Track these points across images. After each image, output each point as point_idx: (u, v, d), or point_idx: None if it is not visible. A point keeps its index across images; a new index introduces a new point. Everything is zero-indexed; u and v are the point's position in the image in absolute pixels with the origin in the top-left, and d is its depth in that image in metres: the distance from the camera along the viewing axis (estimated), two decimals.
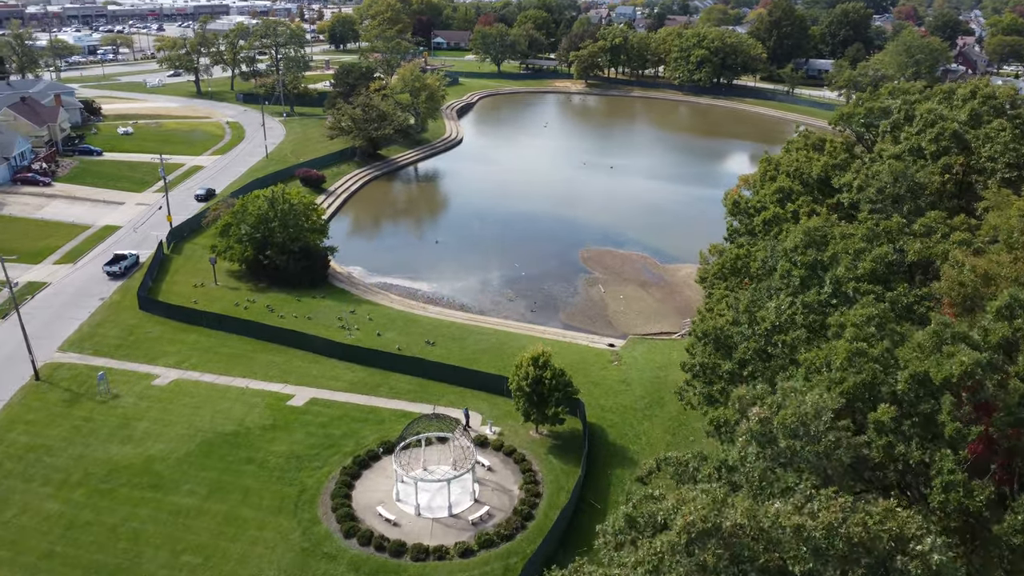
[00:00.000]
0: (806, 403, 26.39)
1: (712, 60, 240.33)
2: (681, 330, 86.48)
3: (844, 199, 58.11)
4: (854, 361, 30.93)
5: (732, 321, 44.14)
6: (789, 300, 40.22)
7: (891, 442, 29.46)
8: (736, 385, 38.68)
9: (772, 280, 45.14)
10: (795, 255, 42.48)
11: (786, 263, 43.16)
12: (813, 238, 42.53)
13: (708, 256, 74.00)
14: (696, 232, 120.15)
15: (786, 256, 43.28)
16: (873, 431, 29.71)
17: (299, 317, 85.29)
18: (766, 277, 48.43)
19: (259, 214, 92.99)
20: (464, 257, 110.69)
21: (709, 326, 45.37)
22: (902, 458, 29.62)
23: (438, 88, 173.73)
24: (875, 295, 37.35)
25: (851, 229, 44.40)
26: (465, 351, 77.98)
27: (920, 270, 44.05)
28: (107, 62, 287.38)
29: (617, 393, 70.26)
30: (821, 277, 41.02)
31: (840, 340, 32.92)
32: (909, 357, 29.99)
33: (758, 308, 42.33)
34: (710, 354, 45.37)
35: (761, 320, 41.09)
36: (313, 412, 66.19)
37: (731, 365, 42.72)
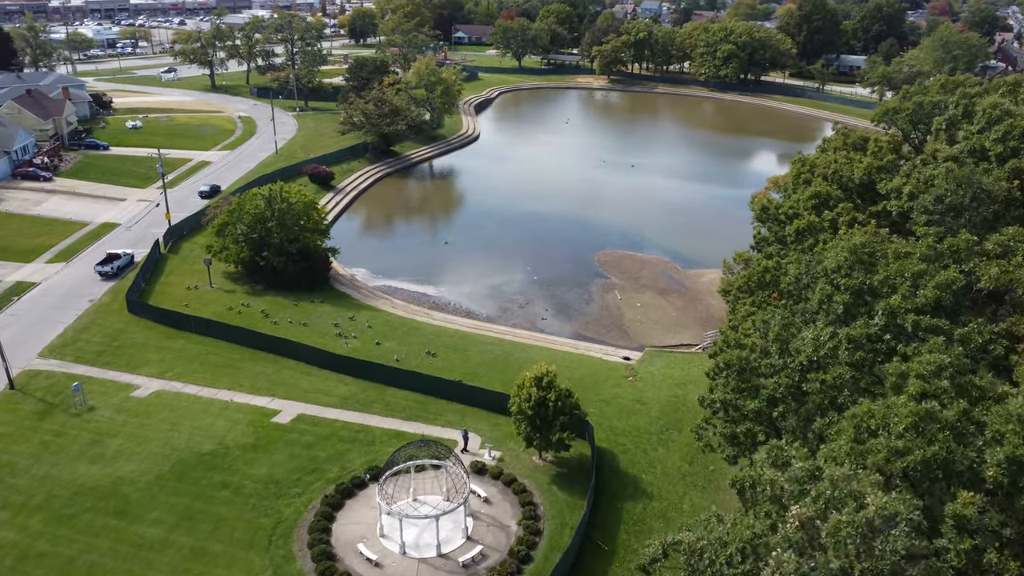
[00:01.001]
0: (868, 507, 20.41)
1: (739, 55, 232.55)
2: (703, 342, 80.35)
3: (892, 207, 51.36)
4: (922, 427, 24.62)
5: (760, 351, 38.13)
6: (830, 331, 34.14)
7: (977, 546, 23.21)
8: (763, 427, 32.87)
9: (808, 302, 38.98)
10: (838, 277, 36.27)
11: (827, 286, 36.94)
12: (860, 257, 36.29)
13: (732, 265, 67.79)
14: (720, 236, 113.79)
15: (826, 277, 37.04)
16: (951, 529, 23.25)
17: (294, 323, 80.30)
18: (800, 298, 42.39)
19: (256, 213, 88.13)
20: (474, 259, 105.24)
21: (733, 356, 39.38)
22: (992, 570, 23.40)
23: (454, 82, 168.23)
24: (942, 332, 31.03)
25: (907, 247, 37.90)
26: (467, 363, 72.50)
27: (994, 299, 37.59)
28: (125, 55, 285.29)
29: (631, 414, 64.40)
30: (870, 305, 34.81)
31: (901, 396, 26.70)
32: (1003, 429, 23.64)
33: (791, 336, 36.38)
34: (733, 388, 39.40)
35: (795, 352, 35.10)
36: (299, 430, 61.04)
37: (758, 403, 36.77)
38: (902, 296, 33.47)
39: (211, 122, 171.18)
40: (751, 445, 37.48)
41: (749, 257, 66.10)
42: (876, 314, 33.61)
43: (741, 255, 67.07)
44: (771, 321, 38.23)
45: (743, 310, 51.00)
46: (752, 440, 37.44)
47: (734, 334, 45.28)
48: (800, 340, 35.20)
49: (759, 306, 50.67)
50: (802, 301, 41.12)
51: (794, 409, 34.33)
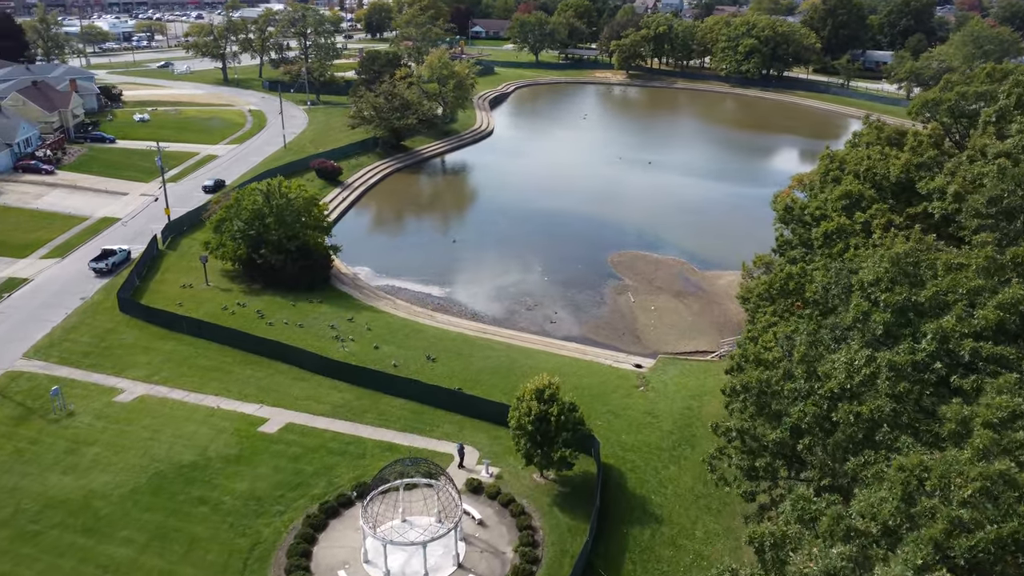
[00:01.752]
0: None
1: (762, 50, 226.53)
2: (719, 349, 75.85)
3: (935, 209, 46.32)
4: (992, 493, 20.13)
5: (784, 373, 33.70)
6: (866, 354, 29.64)
7: None
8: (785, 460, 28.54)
9: (839, 317, 34.40)
10: (876, 291, 31.67)
11: (863, 301, 32.34)
12: (903, 268, 31.64)
13: (752, 269, 63.21)
14: (739, 236, 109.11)
15: (862, 290, 32.49)
16: None
17: (290, 324, 76.72)
18: (826, 307, 37.96)
19: (254, 209, 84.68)
20: (482, 258, 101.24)
21: (752, 378, 34.98)
22: None
23: (467, 76, 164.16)
24: (1009, 365, 26.35)
25: (959, 257, 33.03)
26: (469, 370, 68.53)
27: None
28: (140, 49, 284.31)
29: (641, 427, 60.12)
30: (916, 326, 30.14)
31: (964, 451, 22.07)
32: None
33: (819, 357, 32.01)
34: (752, 415, 34.98)
35: (824, 377, 30.73)
36: (286, 441, 57.35)
37: (780, 434, 32.38)
38: (956, 317, 28.63)
39: (220, 115, 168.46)
40: (771, 479, 33.11)
41: (770, 261, 61.53)
42: (924, 338, 28.96)
43: (762, 258, 62.45)
44: (796, 338, 33.83)
45: (763, 320, 46.55)
46: (773, 475, 33.04)
47: (753, 347, 41.01)
48: (830, 363, 30.72)
49: (781, 316, 46.29)
50: (831, 314, 36.67)
51: (822, 442, 29.95)
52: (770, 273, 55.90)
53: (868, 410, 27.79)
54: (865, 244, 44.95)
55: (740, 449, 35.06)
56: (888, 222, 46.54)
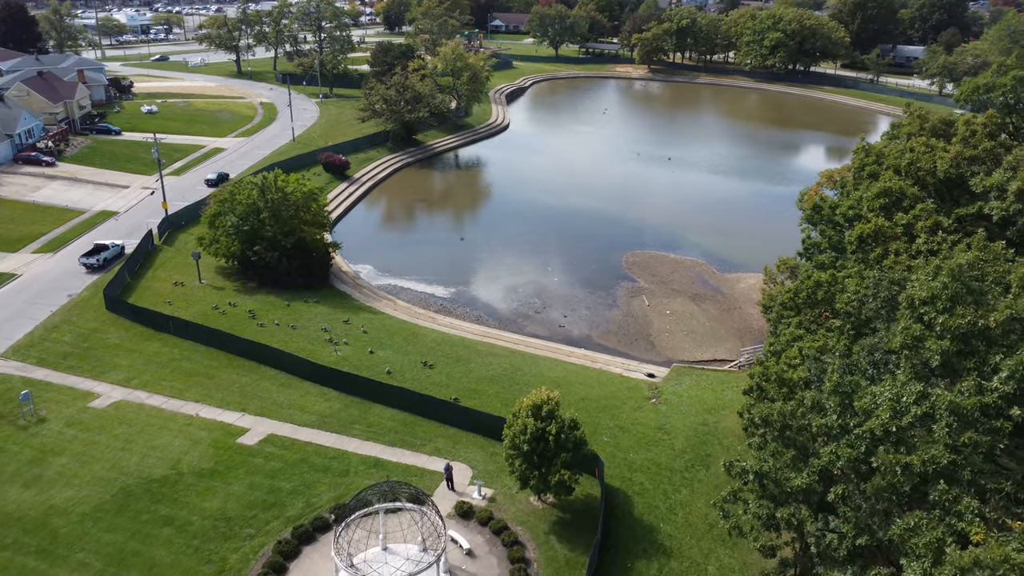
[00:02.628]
0: None
1: (788, 44, 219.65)
2: (739, 358, 70.64)
3: (992, 210, 40.38)
4: None
5: (812, 404, 28.59)
6: (917, 390, 24.45)
7: None
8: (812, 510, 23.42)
9: (880, 337, 29.08)
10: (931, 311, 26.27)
11: (914, 323, 26.97)
12: (967, 284, 26.20)
13: (775, 274, 57.94)
14: (762, 237, 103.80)
15: (912, 309, 27.13)
16: None
17: (282, 326, 72.58)
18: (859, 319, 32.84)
19: (248, 203, 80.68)
20: (490, 258, 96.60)
21: (774, 410, 29.86)
22: None
23: (482, 68, 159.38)
24: None
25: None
26: (468, 377, 63.92)
27: None
28: (157, 41, 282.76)
29: (651, 444, 55.18)
30: (984, 357, 24.80)
31: None
32: None
33: (855, 387, 26.92)
34: (774, 452, 29.80)
35: (863, 413, 25.59)
36: (265, 454, 53.09)
37: (807, 479, 27.25)
38: None
39: (230, 108, 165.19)
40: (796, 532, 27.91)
41: (795, 265, 56.28)
42: (997, 374, 23.71)
43: (786, 262, 57.19)
44: (828, 361, 28.74)
45: (788, 332, 41.47)
46: (799, 528, 27.78)
47: (775, 364, 36.04)
48: (870, 396, 25.56)
49: (807, 328, 41.25)
50: (866, 328, 31.57)
51: (859, 493, 24.84)
52: (795, 279, 50.82)
53: (919, 461, 22.65)
54: (907, 250, 39.57)
55: (759, 494, 29.93)
56: (935, 224, 40.95)
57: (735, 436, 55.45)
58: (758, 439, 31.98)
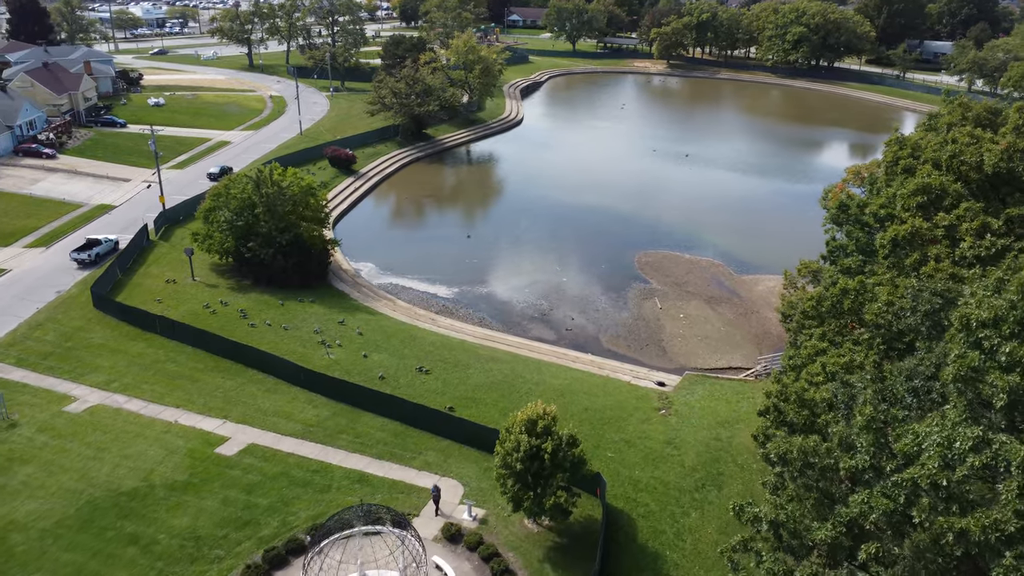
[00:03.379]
0: None
1: (811, 39, 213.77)
2: (756, 367, 66.33)
3: None
4: None
5: (839, 441, 24.37)
6: (974, 434, 20.19)
7: None
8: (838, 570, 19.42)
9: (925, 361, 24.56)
10: (994, 337, 21.86)
11: (972, 352, 22.51)
12: None
13: (796, 278, 53.60)
14: (782, 237, 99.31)
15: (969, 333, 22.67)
16: None
17: (274, 326, 69.18)
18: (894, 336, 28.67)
19: (242, 198, 77.38)
20: (497, 256, 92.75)
21: (793, 447, 25.62)
22: None
23: (494, 61, 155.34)
24: None
25: None
26: (465, 384, 60.13)
27: None
28: (172, 35, 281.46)
29: (659, 460, 51.13)
30: None
31: None
32: None
33: (892, 422, 22.69)
34: (793, 496, 25.49)
35: (902, 455, 21.33)
36: (244, 466, 49.61)
37: (831, 531, 22.92)
38: None
39: (239, 101, 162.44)
40: None
41: (818, 268, 51.94)
42: None
43: (808, 265, 52.85)
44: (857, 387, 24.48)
45: (809, 345, 37.22)
46: None
47: (795, 382, 31.94)
48: (912, 437, 21.27)
49: (832, 340, 37.06)
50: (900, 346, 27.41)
51: (897, 553, 20.62)
52: (818, 284, 46.58)
53: (978, 526, 18.53)
54: (949, 255, 35.21)
55: (774, 545, 25.69)
56: (982, 226, 36.41)
57: (750, 453, 51.30)
58: (774, 478, 27.80)
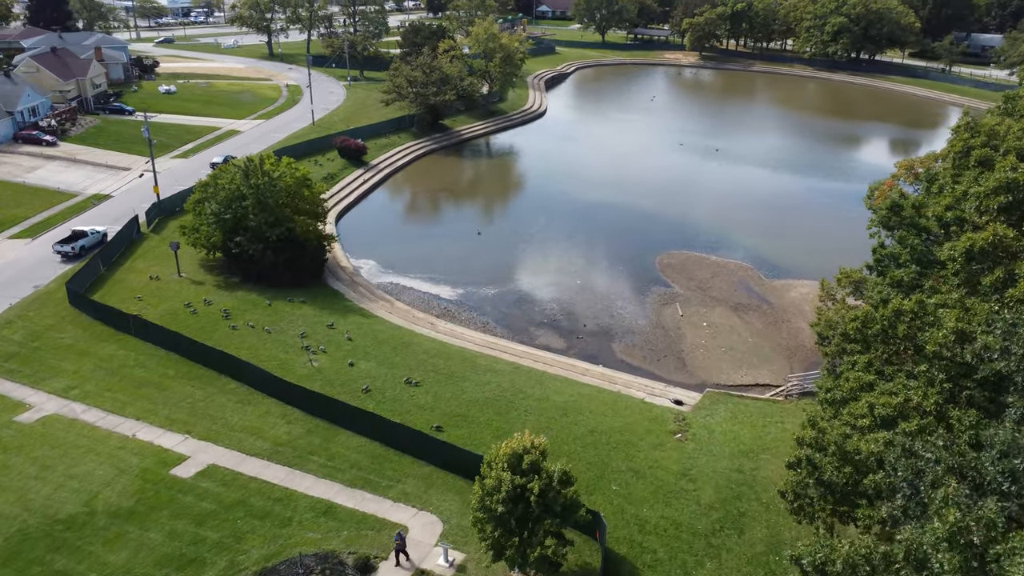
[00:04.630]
0: None
1: (852, 30, 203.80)
2: (786, 384, 59.29)
3: None
4: None
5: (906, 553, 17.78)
6: None
7: None
8: None
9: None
10: None
11: None
12: None
13: (835, 289, 46.54)
14: (818, 238, 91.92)
15: None
16: None
17: (257, 329, 63.64)
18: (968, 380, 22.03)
19: (231, 189, 71.97)
20: (508, 255, 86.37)
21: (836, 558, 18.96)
22: None
23: (516, 50, 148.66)
24: None
25: None
26: (458, 399, 53.98)
27: None
28: (197, 23, 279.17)
29: (671, 496, 44.55)
30: None
31: None
32: None
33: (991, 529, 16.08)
34: None
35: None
36: (199, 491, 43.97)
37: None
38: None
39: (253, 90, 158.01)
40: None
41: (861, 279, 44.96)
42: None
43: (849, 274, 45.71)
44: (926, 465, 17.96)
45: (853, 377, 30.27)
46: None
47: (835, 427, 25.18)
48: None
49: (879, 371, 30.21)
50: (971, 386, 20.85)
51: None
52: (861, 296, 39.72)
53: None
54: None
55: None
56: None
57: (777, 489, 44.49)
58: None
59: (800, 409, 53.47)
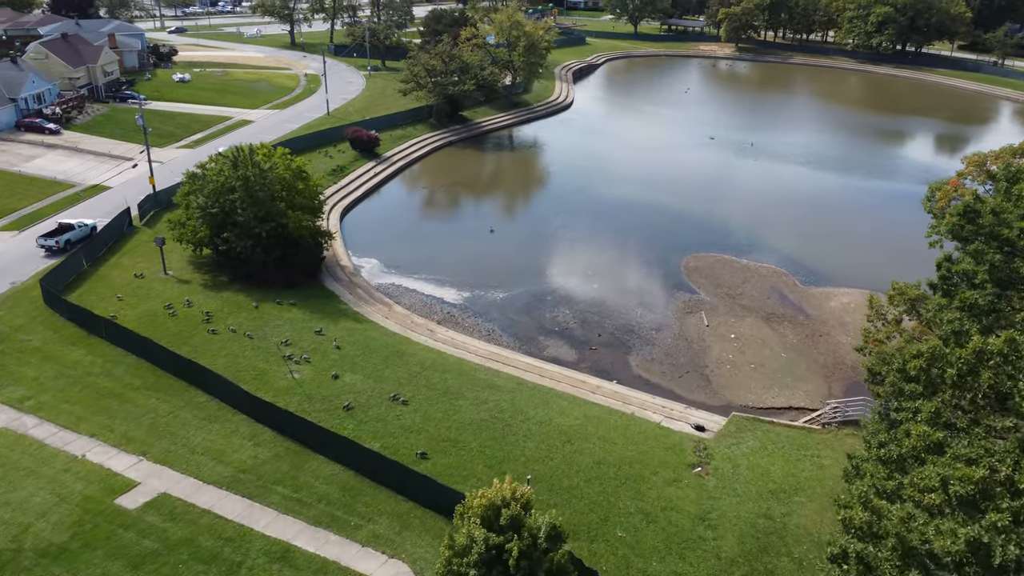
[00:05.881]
0: None
1: (898, 20, 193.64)
2: (823, 408, 52.33)
3: None
4: None
5: None
6: None
7: None
8: None
9: None
10: None
11: None
12: None
13: (886, 307, 39.57)
14: (861, 242, 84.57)
15: None
16: None
17: (238, 334, 58.22)
18: None
19: (219, 180, 66.69)
20: (522, 255, 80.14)
21: None
22: None
23: (540, 38, 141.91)
24: None
25: None
26: (449, 421, 47.94)
27: None
28: (224, 13, 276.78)
29: (686, 547, 38.09)
30: None
31: None
32: None
33: None
34: None
35: None
36: (143, 526, 38.51)
37: None
38: None
39: (270, 79, 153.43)
40: None
41: (920, 296, 37.99)
42: None
43: (904, 290, 38.65)
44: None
45: (916, 431, 23.24)
46: None
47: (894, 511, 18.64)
48: None
49: (951, 425, 23.48)
50: None
51: None
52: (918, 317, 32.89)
53: None
54: None
55: None
56: None
57: (813, 542, 37.93)
58: None
59: (840, 441, 46.66)
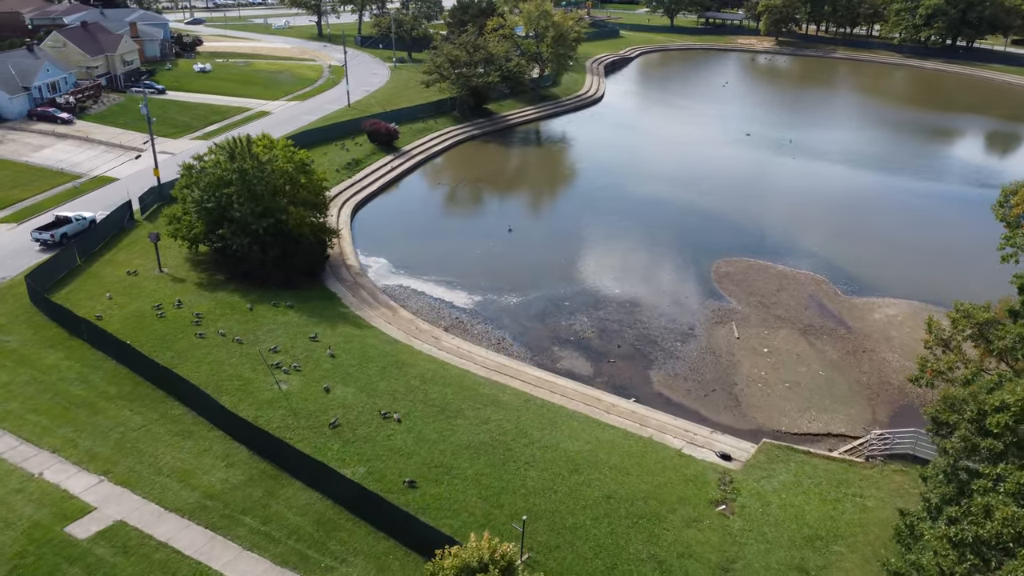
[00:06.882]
0: None
1: (948, 13, 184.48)
2: (866, 436, 46.53)
3: None
4: None
5: None
6: None
7: None
8: None
9: None
10: None
11: None
12: None
13: (947, 332, 33.90)
14: (909, 248, 78.36)
15: None
16: None
17: (227, 338, 54.10)
18: None
19: (216, 173, 62.69)
20: (541, 257, 75.13)
21: None
22: None
23: (570, 28, 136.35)
24: None
25: None
26: (444, 443, 43.18)
27: None
28: (255, 5, 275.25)
29: None
30: None
31: None
32: None
33: None
34: None
35: None
36: (91, 560, 34.38)
37: None
38: None
39: (293, 70, 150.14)
40: None
41: (989, 319, 32.33)
42: None
43: (970, 312, 33.01)
44: None
45: (1001, 517, 18.17)
46: None
47: None
48: None
49: None
50: None
51: None
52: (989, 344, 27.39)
53: None
54: None
55: None
56: None
57: None
58: None
59: (887, 479, 40.98)
